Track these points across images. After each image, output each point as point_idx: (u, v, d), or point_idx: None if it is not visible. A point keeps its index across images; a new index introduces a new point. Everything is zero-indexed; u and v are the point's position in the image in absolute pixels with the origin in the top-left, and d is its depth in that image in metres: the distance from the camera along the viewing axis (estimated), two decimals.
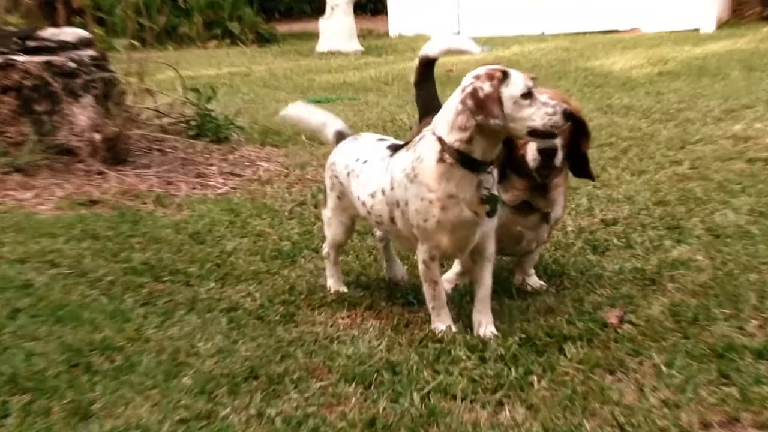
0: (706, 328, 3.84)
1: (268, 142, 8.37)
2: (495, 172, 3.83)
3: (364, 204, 4.08)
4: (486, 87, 3.60)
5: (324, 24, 17.72)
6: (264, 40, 20.08)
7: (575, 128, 4.09)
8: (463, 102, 3.64)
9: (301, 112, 4.72)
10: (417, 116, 5.17)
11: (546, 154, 4.05)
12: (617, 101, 9.83)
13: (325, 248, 4.58)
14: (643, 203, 5.82)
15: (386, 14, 21.29)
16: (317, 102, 11.07)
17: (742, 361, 3.54)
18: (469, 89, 3.64)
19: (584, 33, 18.31)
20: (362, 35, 19.58)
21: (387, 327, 4.04)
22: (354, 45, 17.46)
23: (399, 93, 11.58)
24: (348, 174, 4.17)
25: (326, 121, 4.59)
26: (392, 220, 3.95)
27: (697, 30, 17.61)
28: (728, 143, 7.42)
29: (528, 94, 3.60)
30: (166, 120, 8.27)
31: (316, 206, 6.09)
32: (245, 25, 20.25)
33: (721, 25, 18.54)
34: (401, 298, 4.41)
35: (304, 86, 12.62)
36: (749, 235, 5.05)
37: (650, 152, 7.29)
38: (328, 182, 4.38)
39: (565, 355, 3.65)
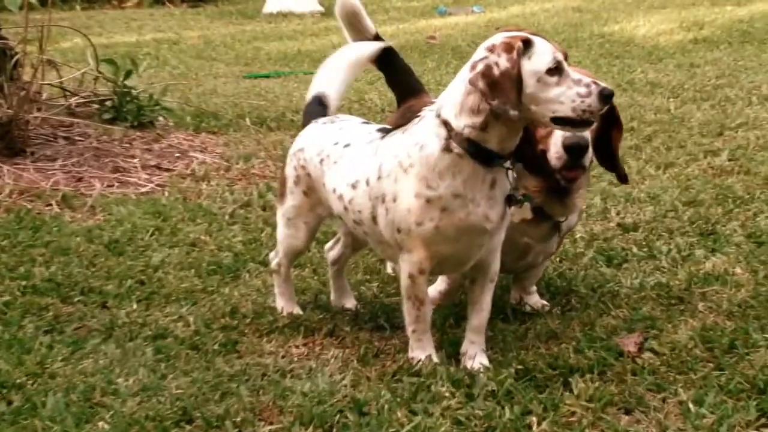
0: (744, 357, 3.92)
1: (203, 128, 8.42)
2: (512, 169, 3.81)
3: (341, 198, 4.06)
4: (503, 62, 3.54)
5: None
6: None
7: (604, 117, 3.99)
8: (473, 83, 3.59)
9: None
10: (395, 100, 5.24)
11: (574, 150, 4.03)
12: (640, 76, 9.95)
13: (276, 259, 4.61)
14: (671, 203, 5.94)
15: None
16: (264, 77, 11.13)
17: None
18: (480, 66, 3.57)
19: None
20: None
21: (352, 357, 4.10)
22: (311, 4, 17.52)
23: (368, 66, 11.64)
24: (321, 161, 4.16)
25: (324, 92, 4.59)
26: (374, 219, 3.93)
27: None
28: None
29: (556, 69, 3.55)
30: (74, 100, 8.28)
31: (264, 208, 6.15)
32: None
33: None
34: (369, 321, 4.48)
35: (248, 57, 12.68)
36: None
37: (680, 140, 7.40)
38: (290, 174, 4.36)
39: (571, 391, 3.71)
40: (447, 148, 3.67)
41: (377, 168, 3.87)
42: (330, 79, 4.60)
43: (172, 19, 17.04)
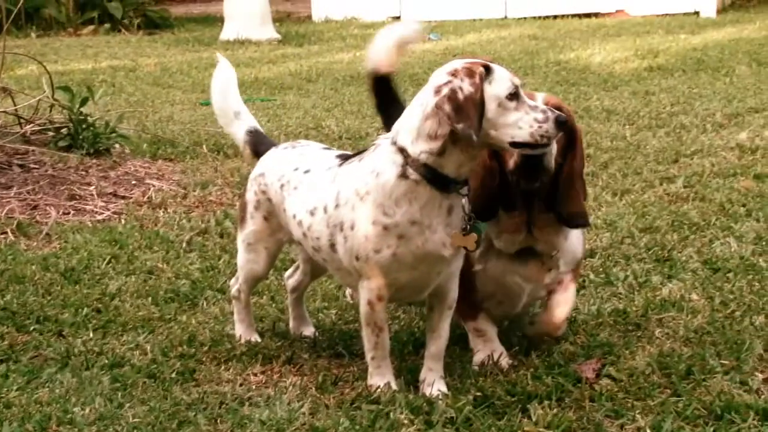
0: (701, 383, 3.95)
1: (160, 155, 8.40)
2: (467, 196, 3.80)
3: (300, 224, 4.06)
4: (466, 86, 3.58)
5: (230, 6, 17.78)
6: (153, 25, 20.11)
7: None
8: (439, 106, 3.59)
9: (230, 78, 4.68)
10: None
11: (529, 157, 3.86)
12: (596, 103, 10.03)
13: (235, 286, 4.61)
14: (627, 230, 5.97)
15: None
16: None
17: (745, 423, 3.65)
18: (446, 90, 3.60)
19: (556, 17, 18.59)
20: (279, 19, 19.71)
21: (310, 385, 4.10)
22: (268, 32, 17.54)
23: (325, 93, 11.69)
24: (282, 186, 4.17)
25: (242, 110, 4.60)
26: (332, 246, 3.94)
27: (695, 13, 17.99)
28: (732, 155, 7.62)
29: (514, 95, 3.61)
30: (29, 127, 8.24)
31: (221, 235, 6.14)
32: (129, 6, 20.24)
33: (725, 8, 18.95)
34: (328, 349, 4.48)
35: (205, 84, 12.59)
36: (755, 269, 5.21)
37: (636, 167, 7.46)
38: (250, 199, 4.36)
39: (529, 418, 3.73)
40: (403, 175, 3.69)
41: (335, 195, 3.88)
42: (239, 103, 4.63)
43: (129, 47, 17.02)
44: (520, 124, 3.59)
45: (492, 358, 4.18)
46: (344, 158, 4.03)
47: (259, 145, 4.50)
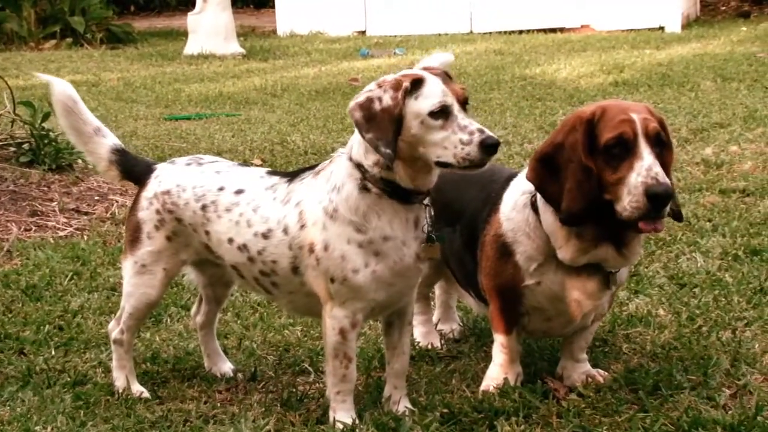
0: (668, 399, 3.97)
1: None
2: (430, 207, 3.75)
3: (243, 248, 3.88)
4: (386, 98, 3.54)
5: (194, 20, 17.78)
6: (116, 39, 20.05)
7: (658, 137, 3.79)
8: (350, 111, 3.59)
9: (71, 94, 4.32)
10: None
11: (659, 199, 3.64)
12: (562, 118, 9.99)
13: (117, 328, 4.24)
14: None
15: (273, 8, 21.42)
16: (186, 119, 11.11)
17: None
18: (361, 98, 3.58)
19: (522, 31, 18.67)
20: (243, 34, 19.72)
21: (275, 402, 4.09)
22: (233, 46, 17.54)
23: (290, 107, 11.69)
24: (204, 207, 3.97)
25: (101, 127, 4.31)
26: (295, 270, 3.81)
27: (660, 29, 18.10)
28: (697, 170, 7.67)
29: (441, 113, 3.52)
30: None
31: None
32: (92, 20, 20.19)
33: (690, 23, 19.09)
34: (293, 366, 4.48)
35: (169, 99, 12.66)
36: (721, 284, 5.24)
37: None
38: (148, 218, 4.08)
39: None
40: (364, 188, 3.64)
41: (297, 215, 3.77)
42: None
43: (91, 61, 16.97)
44: (445, 143, 3.52)
45: (501, 383, 4.05)
46: (285, 175, 3.93)
47: (132, 164, 4.24)
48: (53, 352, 4.69)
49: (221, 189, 3.97)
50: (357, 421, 3.85)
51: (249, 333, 4.85)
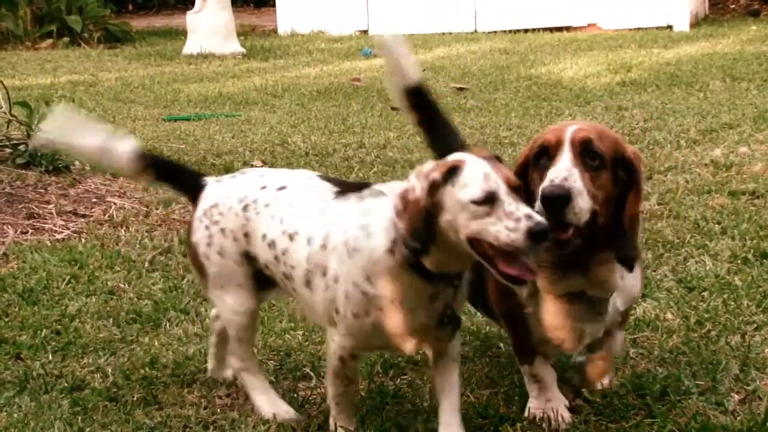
0: (676, 404, 3.98)
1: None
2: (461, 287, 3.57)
3: (272, 245, 3.76)
4: (417, 190, 3.36)
5: (193, 19, 17.77)
6: (114, 39, 20.05)
7: (625, 179, 3.67)
8: (393, 203, 3.42)
9: (72, 117, 4.21)
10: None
11: (551, 202, 3.49)
12: (568, 119, 10.06)
13: (235, 360, 4.11)
14: None
15: (274, 6, 21.43)
16: (185, 119, 11.12)
17: None
18: (401, 193, 3.39)
19: (527, 30, 18.67)
20: (243, 33, 19.71)
21: None
22: (233, 46, 17.54)
23: (291, 108, 11.68)
24: (246, 207, 3.85)
25: (107, 139, 4.15)
26: (308, 284, 3.69)
27: (668, 28, 18.09)
28: (706, 172, 7.66)
29: (485, 201, 3.30)
30: None
31: (185, 254, 6.12)
32: (89, 19, 20.18)
33: (698, 22, 19.08)
34: (294, 371, 4.49)
35: (168, 99, 12.65)
36: (731, 288, 5.24)
37: None
38: (200, 239, 3.97)
39: None
40: (391, 251, 3.44)
41: (324, 234, 3.62)
42: None
43: (89, 61, 16.97)
44: (490, 228, 3.28)
45: (549, 411, 3.91)
46: (336, 184, 3.79)
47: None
48: (50, 357, 4.69)
49: (264, 188, 3.87)
50: (359, 430, 3.86)
51: None
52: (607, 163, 3.61)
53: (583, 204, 3.49)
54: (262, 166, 7.77)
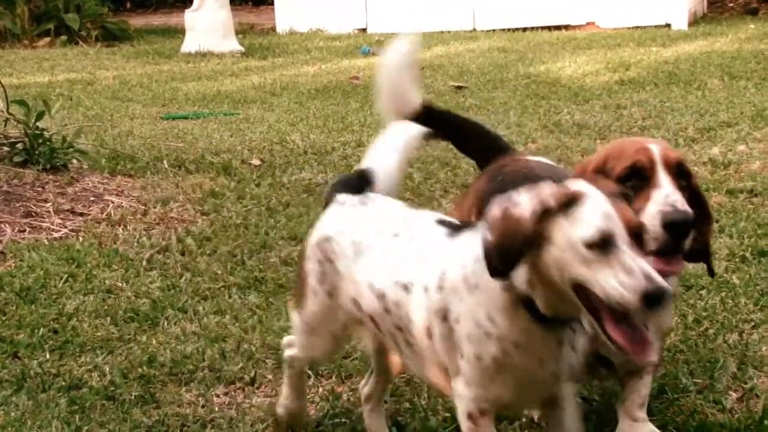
0: (674, 402, 4.00)
1: (119, 171, 8.37)
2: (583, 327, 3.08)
3: (382, 296, 3.32)
4: (523, 207, 2.89)
5: (191, 17, 17.77)
6: (112, 37, 20.04)
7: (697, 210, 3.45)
8: (491, 210, 2.97)
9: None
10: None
11: (677, 228, 3.31)
12: (566, 117, 10.07)
13: (290, 352, 3.80)
14: None
15: (272, 5, 21.42)
16: (183, 118, 11.12)
17: None
18: (503, 204, 2.94)
19: (525, 29, 18.67)
20: (242, 31, 19.70)
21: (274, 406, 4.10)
22: (231, 44, 17.54)
23: (290, 106, 11.68)
24: (355, 252, 3.44)
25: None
26: (429, 333, 3.19)
27: (666, 26, 18.10)
28: (704, 170, 7.67)
29: (601, 246, 2.81)
30: None
31: (183, 253, 6.13)
32: (87, 17, 20.16)
33: (696, 21, 19.09)
34: None
35: (166, 98, 12.64)
36: (728, 286, 5.26)
37: None
38: (312, 269, 3.58)
39: None
40: (510, 288, 2.99)
41: (439, 274, 3.16)
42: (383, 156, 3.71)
43: (86, 59, 16.96)
44: (599, 281, 2.80)
45: None
46: (451, 227, 3.30)
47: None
48: (48, 356, 4.70)
49: (379, 232, 3.43)
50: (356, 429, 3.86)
51: (248, 336, 4.85)
52: (692, 186, 3.51)
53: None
54: (260, 165, 7.78)
